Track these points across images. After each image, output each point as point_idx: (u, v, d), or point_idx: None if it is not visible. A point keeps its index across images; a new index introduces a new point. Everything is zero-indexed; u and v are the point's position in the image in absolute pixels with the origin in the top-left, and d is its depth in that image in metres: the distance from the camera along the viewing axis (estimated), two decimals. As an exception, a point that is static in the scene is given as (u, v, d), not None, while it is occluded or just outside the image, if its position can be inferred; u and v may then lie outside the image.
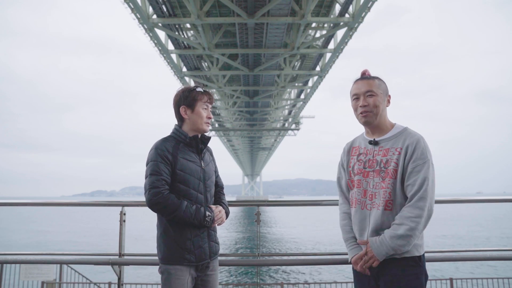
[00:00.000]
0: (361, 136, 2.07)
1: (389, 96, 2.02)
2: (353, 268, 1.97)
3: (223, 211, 2.17)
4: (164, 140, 2.09)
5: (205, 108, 2.13)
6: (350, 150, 2.08)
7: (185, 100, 2.10)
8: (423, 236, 1.87)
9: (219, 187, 2.32)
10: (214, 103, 2.41)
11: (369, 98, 1.95)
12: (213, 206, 2.14)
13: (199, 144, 2.13)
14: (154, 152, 2.02)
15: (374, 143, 1.95)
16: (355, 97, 2.00)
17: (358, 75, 2.05)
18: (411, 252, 1.80)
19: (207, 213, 2.04)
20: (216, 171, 2.31)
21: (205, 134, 2.20)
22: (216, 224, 2.13)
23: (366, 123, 1.98)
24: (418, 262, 1.81)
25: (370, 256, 1.83)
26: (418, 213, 1.75)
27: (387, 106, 2.00)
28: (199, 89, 2.13)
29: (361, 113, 1.97)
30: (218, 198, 2.27)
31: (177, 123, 2.17)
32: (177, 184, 2.02)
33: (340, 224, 2.07)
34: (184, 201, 1.99)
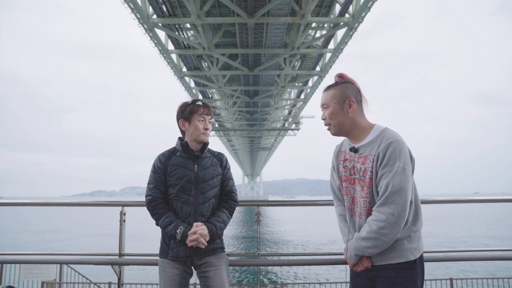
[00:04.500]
0: (346, 140, 2.03)
1: (351, 100, 1.89)
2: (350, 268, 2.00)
3: (203, 232, 2.12)
4: (163, 152, 2.31)
5: (202, 120, 2.28)
6: (338, 153, 2.05)
7: (183, 114, 2.29)
8: (420, 239, 1.87)
9: (226, 192, 2.33)
10: (214, 112, 2.46)
11: (324, 111, 1.97)
12: (197, 224, 2.15)
13: (191, 151, 2.28)
14: (152, 164, 2.29)
15: (354, 150, 1.92)
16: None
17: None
18: (406, 257, 1.79)
19: (178, 230, 2.11)
20: (220, 176, 2.32)
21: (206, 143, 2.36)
22: (192, 244, 2.10)
23: (334, 135, 1.99)
24: (413, 265, 1.80)
25: (345, 259, 1.95)
26: (379, 217, 1.74)
27: (350, 111, 1.89)
28: (198, 103, 2.30)
29: (325, 126, 2.00)
30: (216, 210, 2.26)
31: (180, 135, 2.37)
32: (169, 188, 2.24)
33: (339, 226, 2.06)
34: (167, 214, 2.17)
